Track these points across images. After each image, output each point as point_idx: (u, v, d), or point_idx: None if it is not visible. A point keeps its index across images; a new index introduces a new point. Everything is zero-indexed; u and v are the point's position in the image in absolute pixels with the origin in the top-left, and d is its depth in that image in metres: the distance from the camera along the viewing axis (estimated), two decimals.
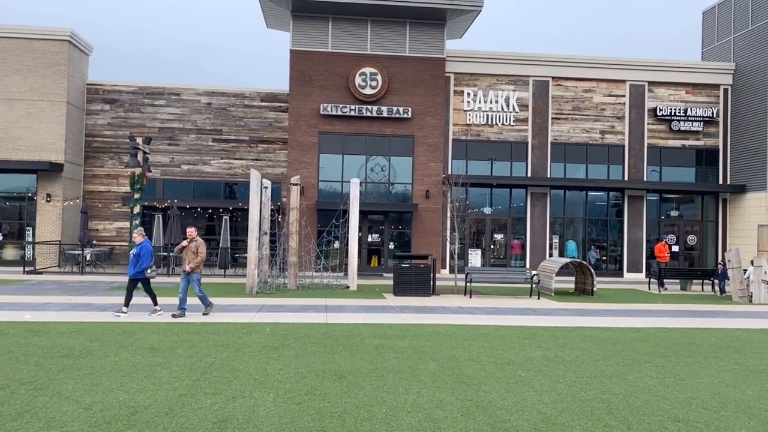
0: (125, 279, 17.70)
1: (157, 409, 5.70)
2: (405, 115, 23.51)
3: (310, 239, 21.05)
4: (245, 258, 20.53)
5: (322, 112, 23.30)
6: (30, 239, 22.45)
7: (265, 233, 18.26)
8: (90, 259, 21.14)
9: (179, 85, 24.80)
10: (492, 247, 24.72)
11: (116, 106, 24.44)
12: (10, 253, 22.87)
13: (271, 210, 19.17)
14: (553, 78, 24.96)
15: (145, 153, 16.94)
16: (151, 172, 18.43)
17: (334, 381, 6.92)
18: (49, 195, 22.45)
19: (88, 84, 24.43)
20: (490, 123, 24.53)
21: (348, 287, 17.37)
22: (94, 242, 23.43)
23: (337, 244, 22.67)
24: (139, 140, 16.83)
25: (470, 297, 16.04)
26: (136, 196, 16.55)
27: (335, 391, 6.51)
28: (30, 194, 22.77)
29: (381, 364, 7.84)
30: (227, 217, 23.67)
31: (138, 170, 16.49)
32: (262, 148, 24.84)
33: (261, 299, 14.53)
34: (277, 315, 11.97)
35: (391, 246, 23.91)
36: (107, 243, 23.80)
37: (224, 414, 5.61)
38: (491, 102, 24.54)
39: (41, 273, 20.08)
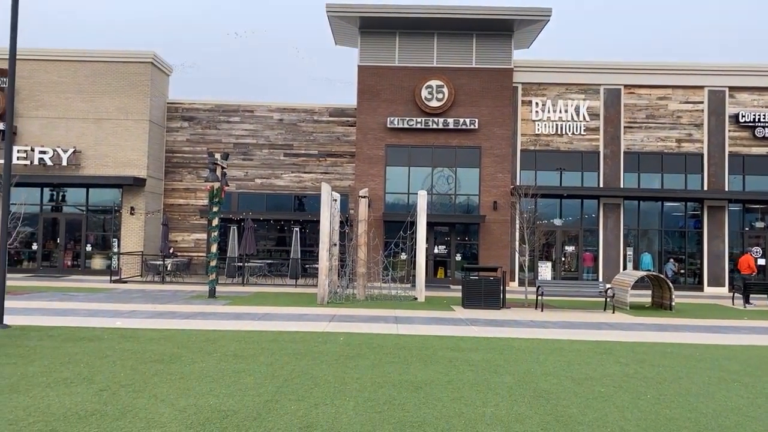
0: (204, 288, 18.57)
1: (246, 413, 5.98)
2: (471, 127, 23.49)
3: (378, 250, 21.31)
4: (315, 268, 21.04)
5: (388, 126, 23.63)
6: (116, 250, 23.86)
7: (335, 244, 18.67)
8: (170, 269, 22.23)
9: (252, 102, 25.81)
10: (563, 259, 24.19)
11: (194, 123, 25.69)
12: (98, 262, 24.37)
13: (340, 222, 19.58)
14: (626, 86, 24.27)
15: (223, 168, 17.73)
16: (228, 186, 19.25)
17: (411, 392, 7.02)
18: (132, 208, 23.82)
19: (168, 103, 25.81)
20: (559, 133, 24.11)
21: (416, 299, 17.46)
22: (177, 253, 24.66)
23: (404, 256, 22.83)
24: (218, 156, 17.63)
25: (542, 310, 15.78)
26: (215, 209, 17.32)
27: (413, 401, 6.61)
28: (116, 207, 24.22)
29: (456, 376, 7.89)
30: (297, 229, 24.32)
31: (217, 185, 17.27)
32: (331, 161, 25.41)
33: (332, 309, 14.85)
34: (349, 325, 12.21)
35: (458, 258, 23.84)
36: (186, 254, 24.95)
37: (308, 420, 5.82)
38: (560, 111, 24.13)
39: (126, 282, 21.29)
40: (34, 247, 24.21)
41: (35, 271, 23.89)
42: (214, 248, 17.41)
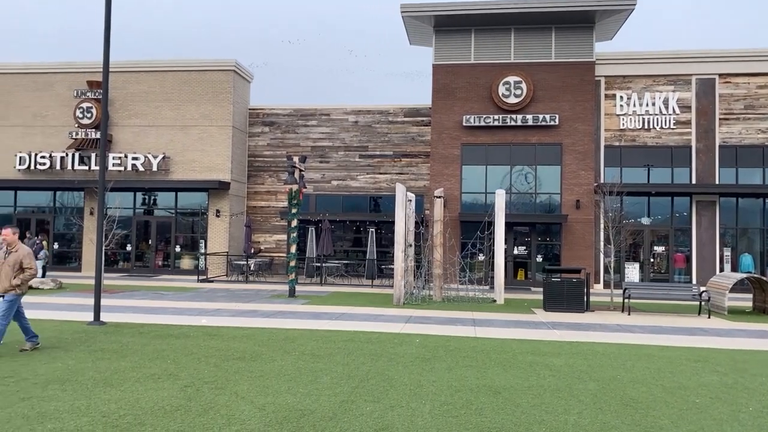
0: (285, 288, 19.02)
1: (322, 413, 6.00)
2: (552, 123, 22.73)
3: (455, 251, 21.05)
4: (391, 269, 21.07)
5: (464, 124, 23.30)
6: (202, 251, 24.95)
7: (410, 245, 18.59)
8: (253, 269, 22.98)
9: (329, 105, 26.24)
10: (651, 260, 22.91)
11: (274, 128, 26.44)
12: (186, 262, 25.58)
13: (415, 222, 19.49)
14: (720, 75, 22.68)
15: (301, 171, 18.11)
16: (306, 188, 19.64)
17: (489, 396, 6.81)
18: (218, 211, 24.82)
19: (249, 109, 26.72)
20: (646, 127, 22.88)
21: (495, 301, 17.08)
22: (262, 248, 25.52)
23: (481, 257, 22.43)
24: (296, 159, 18.03)
25: (629, 314, 14.98)
26: (293, 210, 17.72)
27: (491, 406, 6.40)
28: (202, 210, 25.33)
29: (536, 381, 7.59)
30: (373, 230, 24.48)
31: (295, 187, 17.66)
32: (405, 162, 25.39)
33: (408, 310, 14.78)
34: (425, 327, 12.08)
35: (539, 259, 23.12)
36: (267, 254, 25.72)
37: (384, 422, 5.75)
38: (647, 105, 22.89)
39: (212, 281, 22.20)
40: (128, 248, 25.75)
41: (129, 271, 25.40)
42: (293, 249, 17.81)
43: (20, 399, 6.28)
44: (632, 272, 22.48)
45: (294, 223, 17.83)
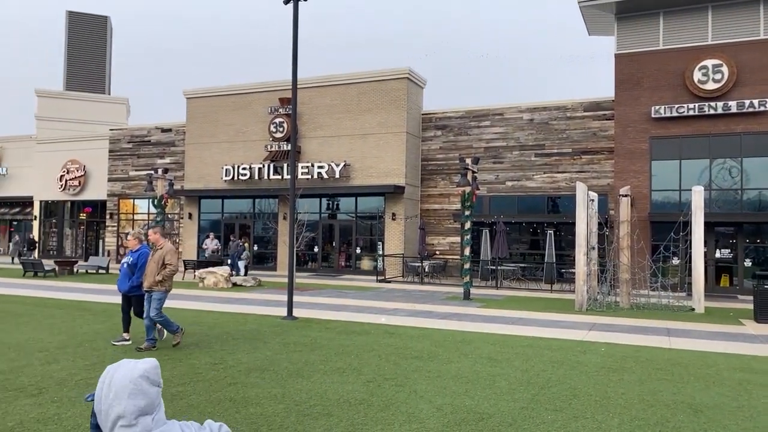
0: (459, 290, 19.06)
1: (501, 418, 5.86)
2: (761, 109, 19.86)
3: (644, 254, 19.35)
4: (571, 273, 20.02)
5: (653, 116, 21.36)
6: (380, 252, 26.03)
7: (593, 248, 17.50)
8: (428, 271, 23.41)
9: (502, 105, 25.78)
10: None
11: (446, 131, 26.69)
12: (366, 263, 26.89)
13: (598, 223, 18.30)
14: None
15: (473, 173, 18.03)
16: (479, 190, 19.52)
17: (689, 414, 6.11)
18: (394, 214, 25.72)
19: (422, 114, 27.29)
20: None
21: (693, 309, 15.36)
22: (437, 251, 25.97)
23: (676, 261, 20.34)
24: (468, 161, 17.99)
25: None
26: (467, 213, 17.69)
27: (691, 426, 5.73)
28: (379, 213, 26.44)
29: (747, 401, 6.64)
30: (551, 232, 23.48)
31: (468, 189, 17.63)
32: (586, 159, 23.97)
33: (591, 317, 13.91)
34: (611, 335, 11.26)
35: (747, 263, 20.32)
36: (441, 257, 26.03)
37: None
38: None
39: (389, 282, 23.04)
40: (315, 249, 27.79)
41: (316, 271, 27.39)
42: (467, 251, 17.79)
43: (228, 384, 7.06)
44: None
45: (467, 225, 17.79)
